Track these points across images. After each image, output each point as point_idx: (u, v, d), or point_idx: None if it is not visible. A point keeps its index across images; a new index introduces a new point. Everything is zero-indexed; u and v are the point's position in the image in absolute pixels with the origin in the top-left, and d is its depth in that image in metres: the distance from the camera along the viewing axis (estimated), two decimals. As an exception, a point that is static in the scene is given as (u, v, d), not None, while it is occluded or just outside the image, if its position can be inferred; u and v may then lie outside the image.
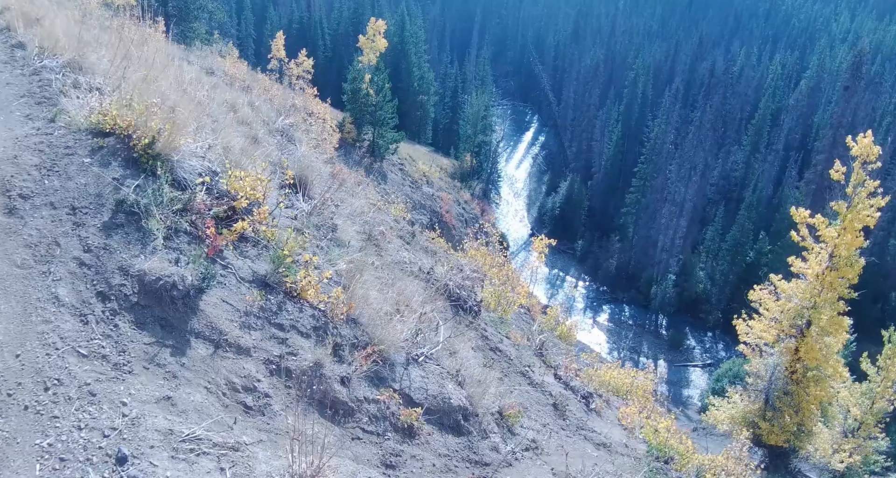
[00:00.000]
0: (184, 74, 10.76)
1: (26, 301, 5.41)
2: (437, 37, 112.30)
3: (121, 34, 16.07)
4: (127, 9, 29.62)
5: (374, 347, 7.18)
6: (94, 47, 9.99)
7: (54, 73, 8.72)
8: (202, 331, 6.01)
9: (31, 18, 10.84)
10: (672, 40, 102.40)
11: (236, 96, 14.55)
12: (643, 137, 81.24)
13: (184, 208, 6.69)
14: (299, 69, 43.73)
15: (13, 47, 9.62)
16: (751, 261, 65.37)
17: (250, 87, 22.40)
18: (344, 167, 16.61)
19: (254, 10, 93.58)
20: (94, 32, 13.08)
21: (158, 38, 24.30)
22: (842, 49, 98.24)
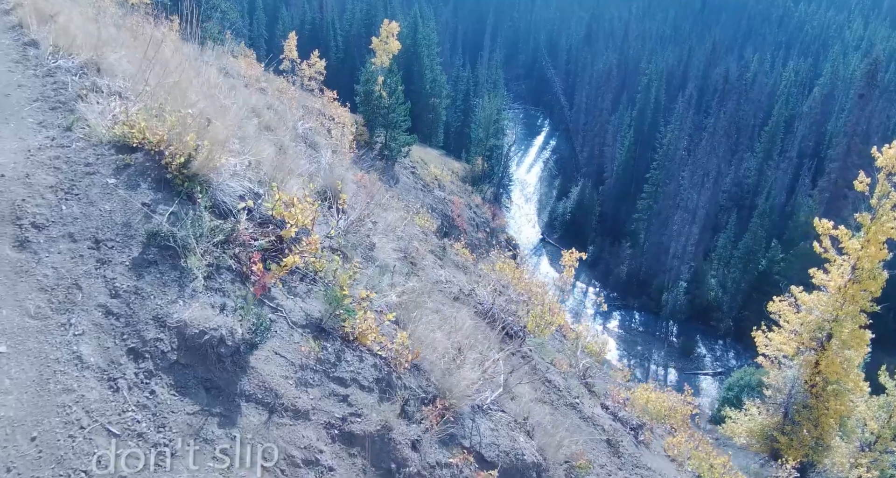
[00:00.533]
0: (210, 78, 9.77)
1: (43, 363, 4.33)
2: (448, 39, 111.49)
3: (136, 33, 15.12)
4: (141, 7, 28.83)
5: (443, 401, 6.17)
6: (112, 47, 9.07)
7: (70, 74, 7.84)
8: (254, 393, 4.95)
9: (44, 15, 9.90)
10: (685, 45, 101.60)
11: (256, 99, 13.56)
12: (655, 143, 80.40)
13: (226, 240, 5.66)
14: (311, 70, 43.09)
15: (25, 46, 8.77)
16: (763, 269, 64.61)
17: (266, 89, 21.48)
18: (366, 174, 15.69)
19: (266, 11, 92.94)
20: (110, 30, 12.16)
21: (173, 37, 23.50)
22: (855, 56, 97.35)
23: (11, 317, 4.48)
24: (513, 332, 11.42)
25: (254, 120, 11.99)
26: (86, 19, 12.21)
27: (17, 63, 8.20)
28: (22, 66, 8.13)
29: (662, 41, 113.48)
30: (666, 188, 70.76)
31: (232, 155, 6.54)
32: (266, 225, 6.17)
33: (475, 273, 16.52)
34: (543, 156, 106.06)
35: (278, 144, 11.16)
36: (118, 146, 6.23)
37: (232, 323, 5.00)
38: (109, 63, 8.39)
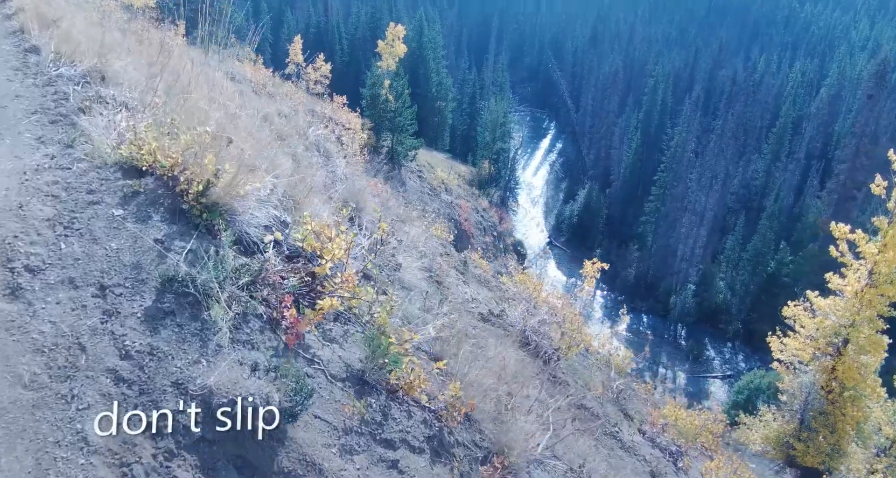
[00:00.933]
0: (223, 86, 9.09)
1: (41, 447, 3.46)
2: (454, 42, 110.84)
3: (142, 38, 14.35)
4: (145, 11, 28.16)
5: (501, 459, 5.37)
6: (117, 53, 8.45)
7: (72, 83, 7.31)
8: (293, 470, 4.11)
9: (47, 20, 9.34)
10: (691, 48, 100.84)
11: (266, 106, 12.79)
12: (662, 145, 79.72)
13: (253, 281, 4.82)
14: (317, 74, 42.73)
15: (26, 52, 8.26)
16: (772, 271, 63.99)
17: (274, 94, 20.80)
18: (381, 183, 15.01)
19: (271, 14, 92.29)
20: (115, 35, 11.45)
21: (179, 42, 22.76)
22: (862, 57, 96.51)
23: (1, 387, 3.63)
24: (545, 356, 10.65)
25: (266, 128, 11.29)
26: (89, 24, 11.48)
27: (16, 71, 7.65)
28: (21, 73, 7.59)
29: (668, 44, 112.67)
30: (674, 191, 70.07)
31: (254, 177, 5.73)
32: (295, 259, 5.37)
33: (498, 288, 15.79)
34: (549, 159, 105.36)
35: (293, 154, 10.46)
36: (125, 169, 5.50)
37: (267, 388, 4.12)
38: (114, 71, 7.77)
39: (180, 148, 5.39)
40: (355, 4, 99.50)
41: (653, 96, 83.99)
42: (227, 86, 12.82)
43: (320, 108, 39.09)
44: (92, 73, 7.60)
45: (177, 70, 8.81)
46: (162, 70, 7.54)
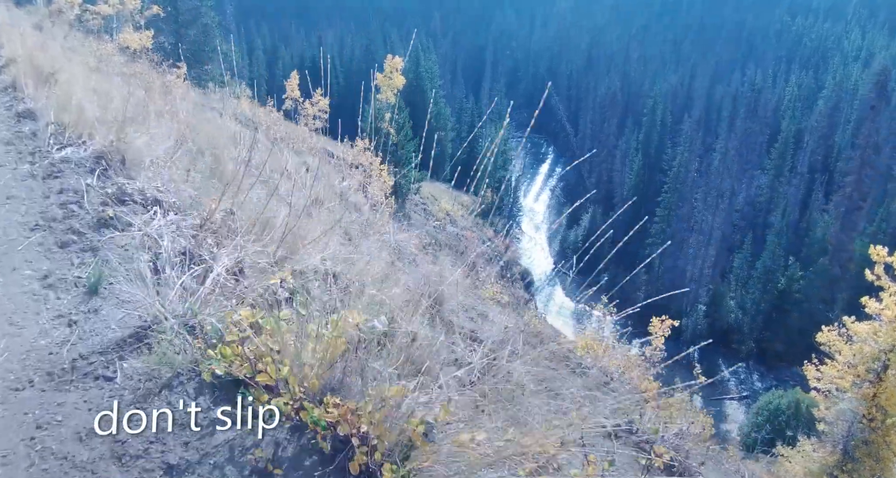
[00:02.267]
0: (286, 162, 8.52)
1: None
2: (449, 71, 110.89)
3: (149, 85, 13.96)
4: (142, 53, 27.94)
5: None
6: (135, 120, 7.51)
7: (84, 171, 6.00)
8: None
9: (42, 73, 8.61)
10: (687, 65, 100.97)
11: (289, 158, 12.40)
12: (664, 165, 79.49)
13: None
14: (315, 109, 42.30)
15: (19, 117, 7.26)
16: (782, 288, 63.42)
17: (288, 137, 20.54)
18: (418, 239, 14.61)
19: (265, 50, 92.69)
20: (121, 90, 11.06)
21: (180, 85, 22.53)
22: (856, 67, 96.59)
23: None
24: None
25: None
26: (90, 72, 11.15)
27: (7, 147, 6.49)
28: (15, 153, 6.40)
29: (664, 62, 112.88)
30: (679, 211, 69.73)
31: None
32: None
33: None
34: (550, 184, 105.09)
35: (345, 230, 9.84)
36: (217, 384, 3.49)
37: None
38: (136, 150, 6.53)
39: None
40: (349, 37, 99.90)
41: (652, 117, 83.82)
42: (228, 126, 12.44)
43: (337, 150, 38.89)
44: (107, 154, 6.38)
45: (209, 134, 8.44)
46: (190, 140, 7.03)
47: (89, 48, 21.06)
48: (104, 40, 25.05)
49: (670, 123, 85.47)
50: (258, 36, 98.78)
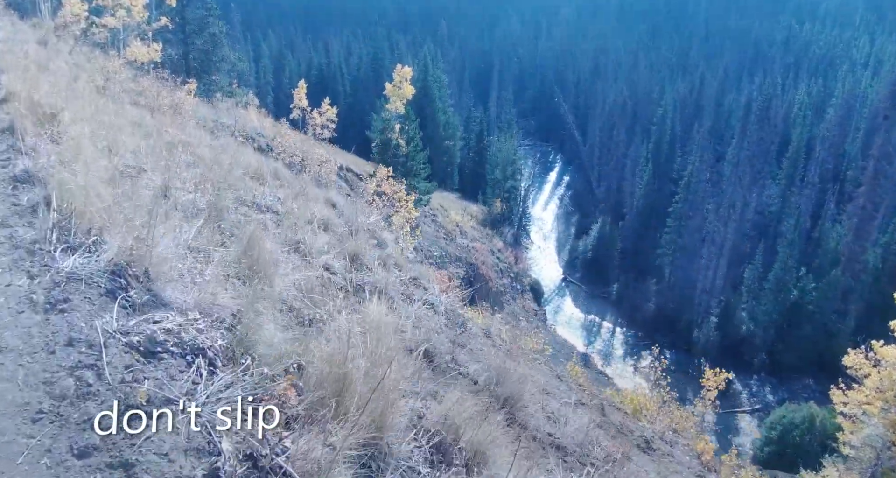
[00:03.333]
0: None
1: None
2: (456, 79, 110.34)
3: (160, 104, 13.19)
4: (150, 67, 27.27)
5: None
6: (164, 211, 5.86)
7: (96, 295, 4.50)
8: None
9: (44, 113, 7.32)
10: (695, 73, 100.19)
11: (308, 188, 11.58)
12: (673, 175, 78.82)
13: None
14: (323, 118, 41.99)
15: (16, 182, 5.95)
16: (795, 299, 62.57)
17: (306, 160, 19.78)
18: (446, 276, 13.90)
19: (271, 58, 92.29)
20: (128, 118, 10.29)
21: (190, 101, 21.81)
22: (865, 74, 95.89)
23: None
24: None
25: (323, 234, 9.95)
26: (95, 95, 10.31)
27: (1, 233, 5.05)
28: (8, 246, 4.88)
29: (671, 70, 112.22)
30: (690, 222, 68.94)
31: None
32: None
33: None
34: (558, 192, 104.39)
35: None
36: None
37: None
38: (160, 257, 4.97)
39: None
40: (356, 45, 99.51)
41: (661, 125, 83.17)
42: (249, 156, 11.61)
43: (346, 159, 38.13)
44: (126, 265, 4.82)
45: (231, 176, 7.66)
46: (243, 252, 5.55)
47: (96, 64, 20.34)
48: (111, 55, 24.31)
49: (680, 132, 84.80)
50: (264, 43, 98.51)
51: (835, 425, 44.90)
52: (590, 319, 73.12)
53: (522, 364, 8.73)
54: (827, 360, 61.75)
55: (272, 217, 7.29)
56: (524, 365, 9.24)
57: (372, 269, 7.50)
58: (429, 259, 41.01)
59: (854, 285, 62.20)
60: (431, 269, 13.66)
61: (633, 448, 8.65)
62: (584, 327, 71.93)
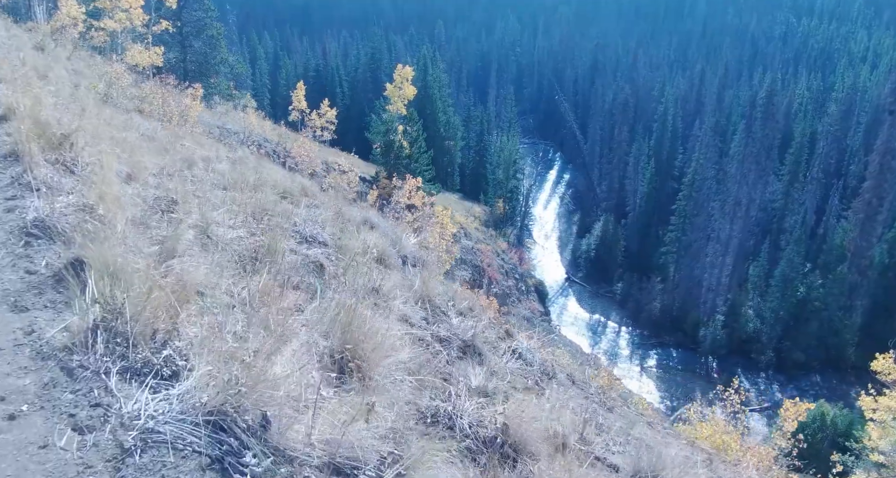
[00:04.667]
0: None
1: None
2: (455, 78, 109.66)
3: (169, 113, 12.46)
4: (152, 71, 26.56)
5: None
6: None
7: (197, 462, 2.91)
8: None
9: (52, 136, 5.93)
10: (695, 70, 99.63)
11: (343, 207, 10.73)
12: (675, 172, 78.30)
13: None
14: (322, 120, 41.34)
15: (27, 236, 4.48)
16: (801, 296, 62.03)
17: (328, 171, 19.11)
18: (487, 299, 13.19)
19: (267, 60, 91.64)
20: (145, 138, 9.57)
21: (196, 107, 21.13)
22: (863, 68, 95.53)
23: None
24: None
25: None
26: (101, 105, 9.55)
27: (12, 338, 3.46)
28: (27, 369, 3.22)
29: (671, 67, 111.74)
30: (695, 220, 68.30)
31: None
32: None
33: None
34: (559, 191, 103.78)
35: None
36: None
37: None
38: (274, 381, 3.33)
39: None
40: (353, 45, 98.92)
41: (663, 123, 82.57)
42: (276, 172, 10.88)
43: (343, 161, 37.42)
44: (236, 414, 3.15)
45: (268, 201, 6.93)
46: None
47: (96, 70, 19.61)
48: (111, 59, 23.56)
49: (681, 129, 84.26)
50: (260, 45, 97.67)
51: (846, 422, 44.48)
52: (595, 319, 72.49)
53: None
54: (833, 356, 61.41)
55: (324, 252, 6.53)
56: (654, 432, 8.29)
57: (447, 312, 6.74)
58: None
59: (860, 281, 61.70)
60: (466, 288, 12.94)
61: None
62: (589, 327, 71.31)
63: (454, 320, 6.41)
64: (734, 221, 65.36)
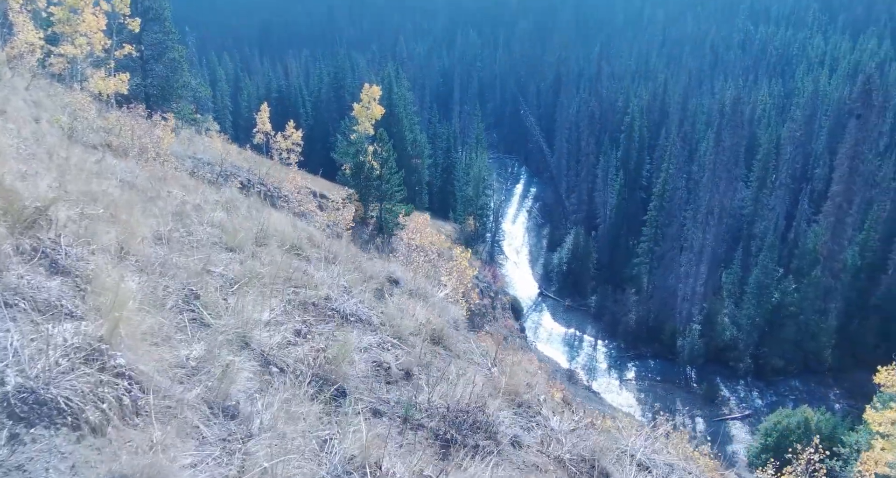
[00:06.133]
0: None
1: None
2: (418, 95, 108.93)
3: (144, 147, 11.61)
4: (115, 99, 25.27)
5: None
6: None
7: None
8: None
9: (22, 210, 4.28)
10: (659, 80, 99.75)
11: (361, 261, 9.46)
12: (643, 182, 78.24)
13: None
14: (288, 142, 40.31)
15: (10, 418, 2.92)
16: (776, 302, 62.06)
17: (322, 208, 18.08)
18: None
19: (227, 81, 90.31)
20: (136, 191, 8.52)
21: (168, 138, 19.97)
22: (822, 72, 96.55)
23: None
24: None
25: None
26: (80, 174, 8.29)
27: None
28: None
29: (634, 78, 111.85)
30: (667, 230, 67.98)
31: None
32: None
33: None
34: (526, 205, 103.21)
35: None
36: None
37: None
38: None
39: None
40: (315, 65, 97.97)
41: (629, 133, 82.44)
42: (283, 220, 9.83)
43: (328, 190, 36.33)
44: None
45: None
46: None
47: (58, 101, 18.41)
48: (73, 88, 22.26)
49: (648, 139, 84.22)
50: (220, 66, 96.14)
51: (830, 426, 44.12)
52: (570, 334, 71.80)
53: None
54: (811, 360, 61.44)
55: (378, 340, 5.44)
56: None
57: (540, 410, 5.65)
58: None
59: (834, 284, 61.80)
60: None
61: None
62: (565, 342, 70.62)
63: (553, 422, 5.38)
64: (707, 230, 65.05)
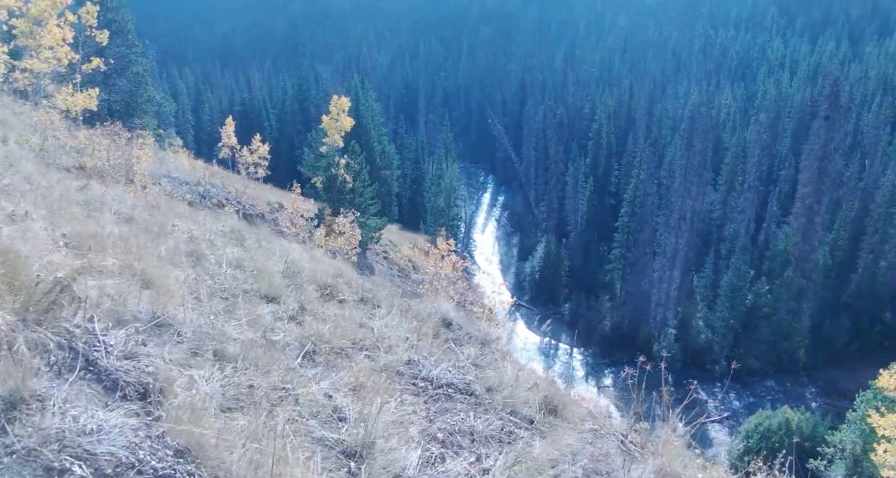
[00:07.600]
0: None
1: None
2: (384, 105, 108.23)
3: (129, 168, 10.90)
4: (84, 117, 24.18)
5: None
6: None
7: None
8: None
9: (35, 293, 3.50)
10: (623, 86, 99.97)
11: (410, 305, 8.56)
12: (612, 188, 78.31)
13: None
14: (254, 156, 39.20)
15: None
16: (750, 304, 62.29)
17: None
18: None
19: (189, 95, 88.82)
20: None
21: (146, 157, 19.03)
22: (783, 75, 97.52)
23: None
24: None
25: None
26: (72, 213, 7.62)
27: None
28: None
29: (599, 85, 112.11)
30: (639, 235, 67.92)
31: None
32: None
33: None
34: (494, 213, 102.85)
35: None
36: None
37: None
38: None
39: None
40: (278, 77, 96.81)
41: (597, 140, 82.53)
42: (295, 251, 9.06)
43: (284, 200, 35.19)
44: None
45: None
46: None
47: (25, 119, 17.48)
48: (39, 105, 21.21)
49: (615, 145, 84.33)
50: (181, 80, 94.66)
51: (811, 426, 44.00)
52: (545, 343, 71.30)
53: None
54: (785, 360, 61.67)
55: (480, 415, 4.62)
56: None
57: None
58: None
59: (806, 285, 62.10)
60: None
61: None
62: (541, 351, 70.04)
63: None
64: (679, 235, 65.09)
